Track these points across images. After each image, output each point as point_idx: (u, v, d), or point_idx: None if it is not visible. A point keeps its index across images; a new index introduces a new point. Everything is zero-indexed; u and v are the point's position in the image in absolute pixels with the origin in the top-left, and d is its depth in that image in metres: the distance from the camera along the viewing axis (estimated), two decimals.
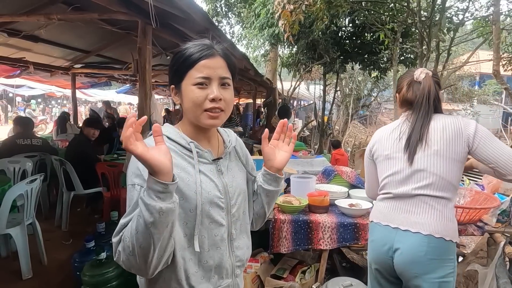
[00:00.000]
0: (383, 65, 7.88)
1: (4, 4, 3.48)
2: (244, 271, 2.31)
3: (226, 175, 1.01)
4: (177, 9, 2.58)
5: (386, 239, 1.50)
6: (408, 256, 1.43)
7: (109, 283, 2.16)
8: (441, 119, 1.47)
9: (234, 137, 1.12)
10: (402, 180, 1.49)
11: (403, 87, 1.57)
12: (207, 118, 0.92)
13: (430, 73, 1.52)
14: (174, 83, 0.97)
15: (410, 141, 1.48)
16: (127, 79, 7.99)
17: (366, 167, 1.74)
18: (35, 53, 5.34)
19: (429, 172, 1.43)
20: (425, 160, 1.44)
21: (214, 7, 13.54)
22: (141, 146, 0.73)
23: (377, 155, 1.62)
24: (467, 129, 1.41)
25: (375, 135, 1.67)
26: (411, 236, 1.43)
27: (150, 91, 3.02)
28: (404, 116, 1.57)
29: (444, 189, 1.43)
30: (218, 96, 0.90)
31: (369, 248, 1.62)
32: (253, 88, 10.66)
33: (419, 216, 1.44)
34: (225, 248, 0.99)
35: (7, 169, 3.64)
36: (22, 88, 11.82)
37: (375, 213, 1.62)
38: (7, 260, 3.12)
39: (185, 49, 0.93)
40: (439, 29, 4.56)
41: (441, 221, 1.42)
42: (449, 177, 1.43)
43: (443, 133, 1.43)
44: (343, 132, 14.91)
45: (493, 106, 16.96)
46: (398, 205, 1.51)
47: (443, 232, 1.41)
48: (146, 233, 0.75)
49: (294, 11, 4.54)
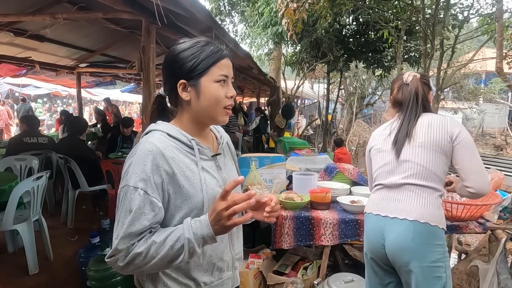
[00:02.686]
0: (387, 64, 7.85)
1: (10, 4, 3.53)
2: (247, 267, 2.34)
3: (224, 170, 1.03)
4: (181, 8, 2.61)
5: (377, 228, 1.59)
6: (397, 243, 1.51)
7: (114, 278, 2.19)
8: (428, 117, 1.58)
9: (224, 133, 1.15)
10: (390, 170, 1.60)
11: (394, 89, 1.69)
12: (224, 115, 0.97)
13: (418, 75, 1.65)
14: (187, 79, 0.93)
15: (397, 137, 1.59)
16: (132, 78, 8.05)
17: (366, 163, 1.84)
18: (41, 52, 5.41)
19: (414, 163, 1.53)
20: (411, 151, 1.54)
21: (218, 5, 13.54)
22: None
23: (372, 150, 1.74)
24: (453, 128, 1.51)
25: (372, 134, 1.81)
26: (398, 224, 1.51)
27: (154, 90, 3.05)
28: (396, 116, 1.69)
29: (428, 178, 1.52)
30: (235, 94, 0.97)
31: (364, 238, 1.70)
32: (257, 87, 10.69)
33: (406, 203, 1.53)
34: (227, 241, 1.01)
35: (14, 166, 3.70)
36: (28, 87, 11.94)
37: (368, 204, 1.72)
38: (14, 256, 3.17)
39: (203, 45, 0.94)
40: (443, 26, 4.53)
41: (426, 207, 1.50)
42: (433, 167, 1.51)
43: (428, 128, 1.54)
44: (348, 131, 14.89)
45: (499, 105, 16.83)
46: (388, 194, 1.60)
47: (428, 217, 1.48)
48: (166, 263, 0.85)
49: (297, 10, 4.54)
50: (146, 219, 0.84)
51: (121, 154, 4.68)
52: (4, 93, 15.00)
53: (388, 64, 7.86)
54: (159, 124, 0.97)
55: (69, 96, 16.73)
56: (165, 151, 0.89)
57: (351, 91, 15.14)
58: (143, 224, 0.84)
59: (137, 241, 0.83)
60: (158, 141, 0.90)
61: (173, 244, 0.82)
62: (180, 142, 0.94)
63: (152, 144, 0.89)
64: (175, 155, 0.90)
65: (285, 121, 7.55)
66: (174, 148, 0.92)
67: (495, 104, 16.72)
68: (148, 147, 0.88)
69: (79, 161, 3.78)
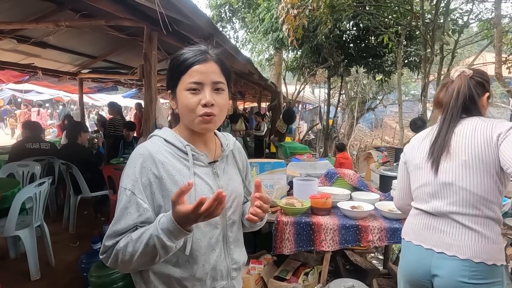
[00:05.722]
0: (388, 68, 7.88)
1: (14, 11, 3.58)
2: (248, 272, 2.34)
3: (222, 178, 1.01)
4: (183, 15, 2.64)
5: (421, 262, 1.36)
6: (450, 282, 1.27)
7: (115, 283, 2.20)
8: (471, 123, 1.30)
9: (233, 141, 1.12)
10: (431, 194, 1.35)
11: (441, 87, 1.44)
12: (200, 123, 0.92)
13: (469, 72, 1.36)
14: (170, 88, 0.98)
15: (434, 148, 1.34)
16: (133, 84, 8.09)
17: (399, 173, 1.59)
18: (44, 58, 5.45)
19: (458, 187, 1.27)
20: (453, 172, 1.28)
21: (219, 12, 13.66)
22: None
23: (409, 164, 1.49)
24: (498, 129, 1.22)
25: (410, 141, 1.55)
26: (448, 261, 1.28)
27: (155, 96, 3.08)
28: (439, 121, 1.41)
29: (478, 205, 1.25)
30: (210, 101, 0.90)
31: (402, 267, 1.48)
32: (258, 92, 10.72)
33: (453, 237, 1.28)
34: (220, 250, 1.00)
35: (17, 172, 3.72)
36: (30, 93, 12.02)
37: (407, 230, 1.48)
38: (16, 262, 3.18)
39: (180, 55, 0.94)
40: (443, 32, 4.56)
41: (479, 243, 1.24)
42: (482, 192, 1.24)
43: (472, 140, 1.25)
44: (349, 136, 14.89)
45: (501, 109, 16.80)
46: (430, 222, 1.36)
47: (484, 255, 1.23)
48: (149, 259, 0.85)
49: (298, 16, 4.59)
50: (131, 218, 0.87)
51: (123, 159, 4.70)
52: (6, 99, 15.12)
53: (388, 69, 7.89)
54: (162, 130, 1.01)
55: (71, 101, 16.84)
56: (156, 155, 0.92)
57: (352, 95, 15.17)
58: (127, 223, 0.87)
59: (121, 239, 0.87)
60: (151, 146, 0.94)
61: (147, 241, 0.82)
62: (175, 147, 0.96)
63: (144, 148, 0.94)
64: (167, 160, 0.93)
65: (286, 126, 7.56)
66: (167, 152, 0.94)
67: (497, 108, 16.69)
68: (140, 151, 0.93)
69: (81, 167, 3.80)
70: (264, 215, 0.96)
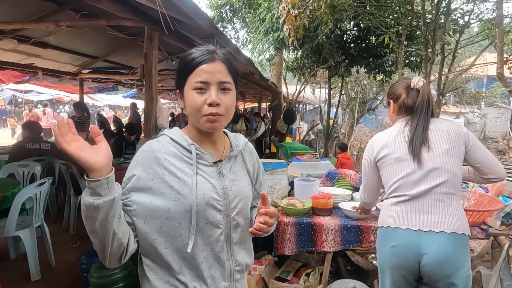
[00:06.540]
0: (388, 69, 7.86)
1: (14, 11, 3.57)
2: (249, 273, 2.33)
3: (227, 178, 1.00)
4: (183, 15, 2.63)
5: (411, 243, 1.51)
6: (438, 257, 1.45)
7: (116, 284, 2.19)
8: (442, 123, 1.61)
9: (244, 142, 1.11)
10: (417, 180, 1.54)
11: (401, 94, 1.66)
12: (206, 122, 0.93)
13: (425, 81, 1.65)
14: (178, 88, 0.99)
15: (413, 144, 1.56)
16: (134, 84, 8.09)
17: (367, 172, 1.74)
18: (44, 59, 5.45)
19: (444, 170, 1.51)
20: (438, 158, 1.52)
21: (219, 12, 13.65)
22: (74, 144, 0.77)
23: (386, 159, 1.63)
24: (466, 133, 1.59)
25: (378, 140, 1.69)
26: (436, 237, 1.47)
27: (156, 96, 3.07)
28: (404, 121, 1.65)
29: (456, 185, 1.53)
30: (215, 100, 0.90)
31: (390, 254, 1.57)
32: (258, 92, 10.72)
33: (439, 215, 1.49)
34: (222, 250, 0.98)
35: (17, 172, 3.71)
36: (31, 93, 12.02)
37: (390, 217, 1.60)
38: (17, 262, 3.17)
39: (188, 55, 0.96)
40: (444, 32, 4.55)
41: (459, 217, 1.50)
42: (459, 173, 1.54)
43: (449, 135, 1.55)
44: (349, 136, 14.87)
45: (501, 109, 16.81)
46: (415, 206, 1.54)
47: (463, 227, 1.49)
48: (86, 224, 0.85)
49: (298, 16, 4.58)
50: None
51: (124, 160, 4.70)
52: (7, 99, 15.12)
53: (389, 69, 7.87)
54: (172, 129, 1.03)
55: (71, 101, 16.86)
56: (158, 153, 0.94)
57: (352, 96, 15.15)
58: None
59: None
60: (155, 144, 0.97)
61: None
62: (180, 146, 0.97)
63: (148, 145, 0.97)
64: (169, 157, 0.94)
65: (286, 126, 7.55)
66: (171, 151, 0.96)
67: (497, 108, 16.70)
68: (144, 148, 0.97)
69: (81, 167, 3.78)
70: (268, 229, 0.96)
